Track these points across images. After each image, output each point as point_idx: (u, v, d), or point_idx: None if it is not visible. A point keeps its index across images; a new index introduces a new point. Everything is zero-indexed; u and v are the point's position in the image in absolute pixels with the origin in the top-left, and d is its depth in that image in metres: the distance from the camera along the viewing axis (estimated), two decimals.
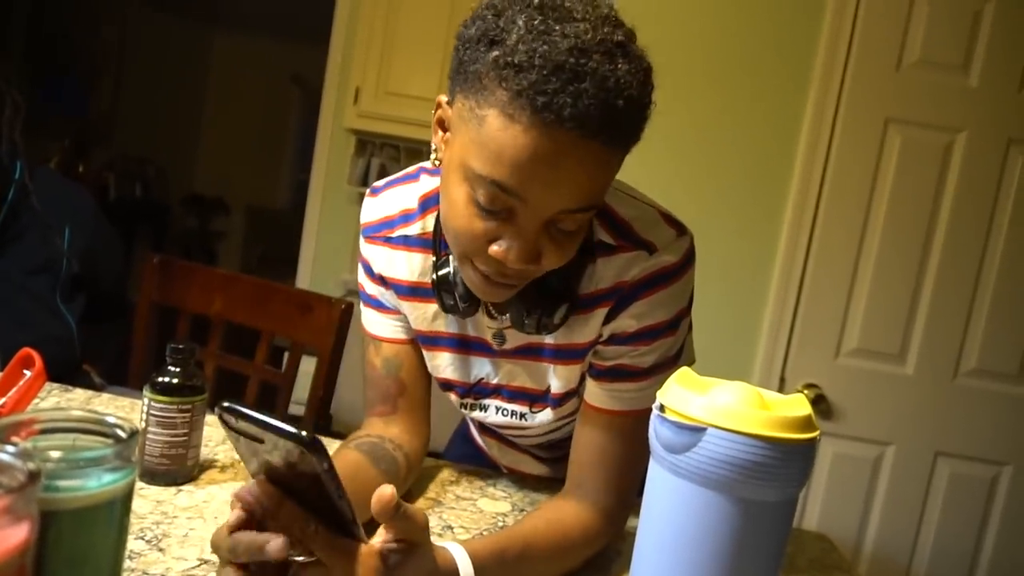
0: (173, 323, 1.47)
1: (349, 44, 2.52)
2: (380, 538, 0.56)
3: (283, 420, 0.47)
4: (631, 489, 0.78)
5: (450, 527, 0.83)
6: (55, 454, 0.36)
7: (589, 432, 0.79)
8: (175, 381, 0.80)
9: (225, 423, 0.50)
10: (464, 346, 0.84)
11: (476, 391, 0.86)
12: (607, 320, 0.77)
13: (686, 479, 0.54)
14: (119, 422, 0.41)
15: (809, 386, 2.00)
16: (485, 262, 0.67)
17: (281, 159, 5.67)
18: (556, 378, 0.82)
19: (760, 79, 2.11)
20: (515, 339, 0.81)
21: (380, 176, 2.55)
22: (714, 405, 0.54)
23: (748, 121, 2.15)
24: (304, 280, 2.69)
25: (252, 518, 0.54)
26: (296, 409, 1.45)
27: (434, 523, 0.83)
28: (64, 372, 1.14)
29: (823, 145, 2.01)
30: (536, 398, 0.84)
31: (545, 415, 0.85)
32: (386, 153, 2.59)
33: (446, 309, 0.78)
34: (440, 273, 0.76)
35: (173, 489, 0.80)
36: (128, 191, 4.91)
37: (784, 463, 0.53)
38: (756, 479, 0.52)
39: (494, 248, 0.65)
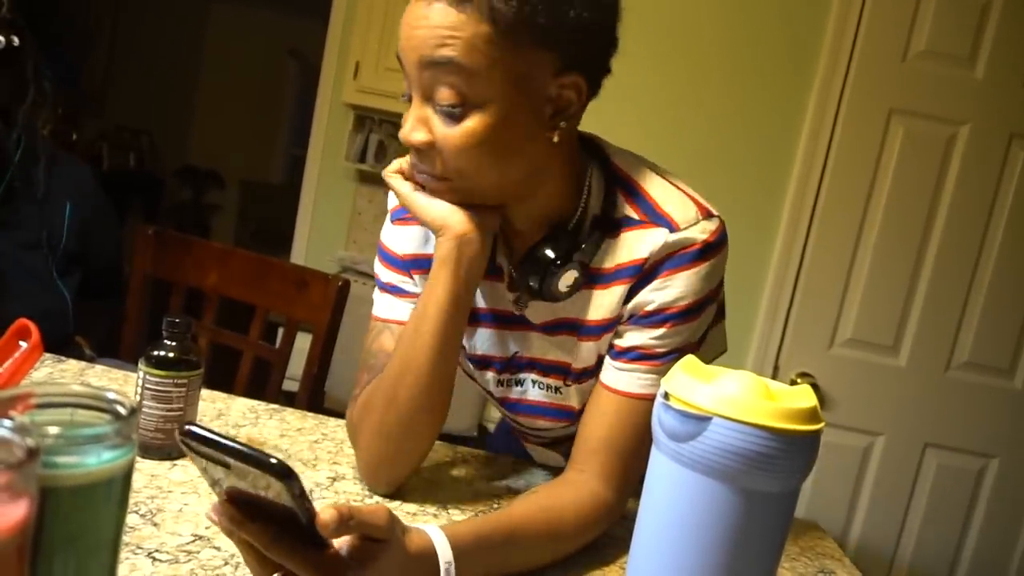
0: (166, 296, 1.46)
1: (349, 18, 2.48)
2: (346, 540, 0.55)
3: (244, 444, 0.45)
4: (635, 477, 0.76)
5: (445, 508, 0.82)
6: (54, 430, 0.36)
7: (600, 414, 0.78)
8: (171, 355, 0.79)
9: (187, 446, 0.47)
10: (499, 320, 0.85)
11: (513, 364, 0.87)
12: (627, 299, 0.77)
13: (689, 468, 0.54)
14: (119, 398, 0.40)
15: (803, 375, 2.01)
16: (410, 159, 0.75)
17: (277, 133, 5.61)
18: (578, 353, 0.82)
19: (765, 66, 2.09)
20: (542, 314, 0.82)
21: (378, 153, 2.53)
22: (720, 394, 0.54)
23: (752, 108, 2.14)
24: (299, 256, 2.67)
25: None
26: (290, 385, 1.45)
27: (429, 504, 0.83)
28: (57, 344, 1.13)
29: (826, 134, 2.00)
30: (568, 372, 0.84)
31: (574, 392, 0.85)
32: (384, 129, 2.55)
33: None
34: None
35: (167, 463, 0.79)
36: (121, 162, 4.85)
37: (789, 454, 0.53)
38: (760, 470, 0.52)
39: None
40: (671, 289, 0.75)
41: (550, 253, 0.75)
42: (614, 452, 0.77)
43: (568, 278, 0.75)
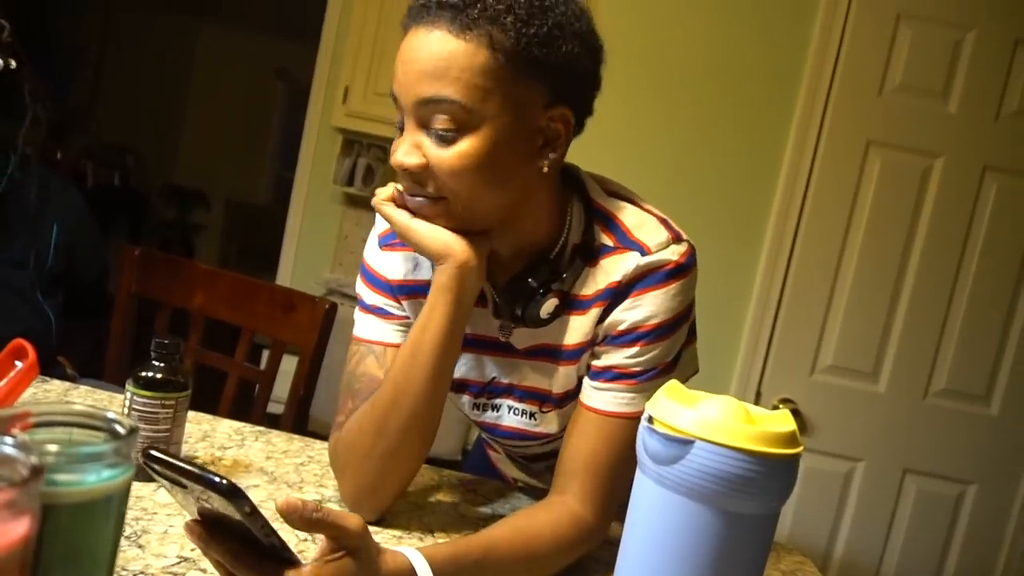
0: (150, 317, 1.45)
1: (340, 43, 2.51)
2: (316, 555, 0.56)
3: (202, 467, 0.47)
4: (615, 497, 0.78)
5: (431, 531, 0.83)
6: (53, 448, 0.36)
7: (579, 435, 0.79)
8: (159, 376, 0.79)
9: (151, 469, 0.48)
10: (479, 345, 0.86)
11: (490, 390, 0.88)
12: (600, 319, 0.79)
13: (672, 490, 0.55)
14: (118, 417, 0.41)
15: (784, 401, 2.03)
16: (401, 182, 0.75)
17: (263, 154, 5.62)
18: (557, 378, 0.84)
19: (746, 99, 2.14)
20: (524, 340, 0.84)
21: (366, 176, 2.54)
22: (701, 418, 0.55)
23: (732, 140, 2.19)
24: (285, 277, 2.67)
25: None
26: (275, 408, 1.44)
27: (415, 528, 0.83)
28: (39, 364, 1.13)
29: (806, 165, 2.05)
30: (546, 398, 0.86)
31: (553, 417, 0.86)
32: (372, 154, 2.57)
33: None
34: None
35: (153, 485, 0.79)
36: (106, 180, 4.83)
37: (768, 477, 0.54)
38: (741, 492, 0.54)
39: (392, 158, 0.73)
40: (642, 308, 0.77)
41: (533, 282, 0.78)
42: (594, 473, 0.77)
43: (549, 306, 0.77)
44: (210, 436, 0.97)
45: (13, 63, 1.17)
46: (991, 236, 1.97)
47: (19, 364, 0.48)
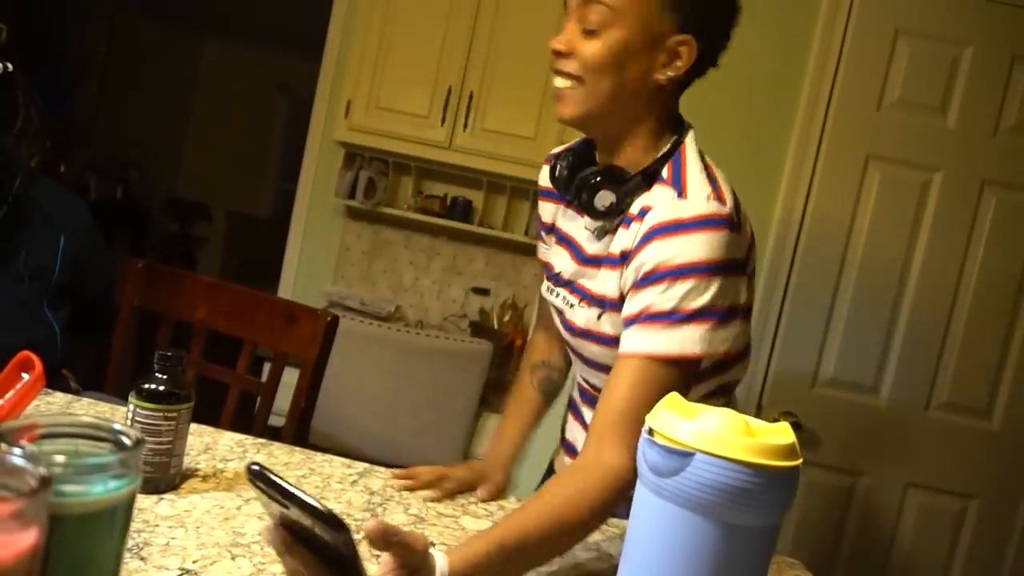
0: (152, 329, 1.46)
1: (343, 57, 2.53)
2: (383, 569, 0.61)
3: (304, 492, 0.52)
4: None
5: (432, 543, 0.83)
6: (60, 458, 0.37)
7: (615, 383, 0.83)
8: (162, 388, 0.80)
9: (252, 482, 0.54)
10: (564, 241, 1.02)
11: (556, 278, 1.03)
12: (635, 250, 0.86)
13: (672, 502, 0.56)
14: (124, 429, 0.41)
15: (785, 414, 2.03)
16: (552, 67, 0.90)
17: (264, 167, 5.65)
18: (599, 279, 0.93)
19: (745, 113, 2.16)
20: (592, 249, 0.96)
21: (368, 189, 2.56)
22: (701, 431, 0.55)
23: (731, 154, 2.19)
24: (286, 290, 2.67)
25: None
26: (276, 420, 1.44)
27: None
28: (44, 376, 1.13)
29: (805, 179, 2.06)
30: (585, 296, 0.96)
31: (584, 312, 0.95)
32: (374, 167, 2.59)
33: (558, 188, 0.98)
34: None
35: (155, 497, 0.79)
36: (109, 193, 4.85)
37: (768, 489, 0.54)
38: (740, 504, 0.54)
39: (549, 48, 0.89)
40: (667, 249, 0.82)
41: (597, 178, 0.90)
42: (631, 418, 0.79)
43: (603, 198, 0.90)
44: (212, 448, 0.97)
45: (10, 67, 1.18)
46: (990, 250, 1.98)
47: (25, 376, 0.48)
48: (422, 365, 2.32)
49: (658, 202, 0.86)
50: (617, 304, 0.89)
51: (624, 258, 0.88)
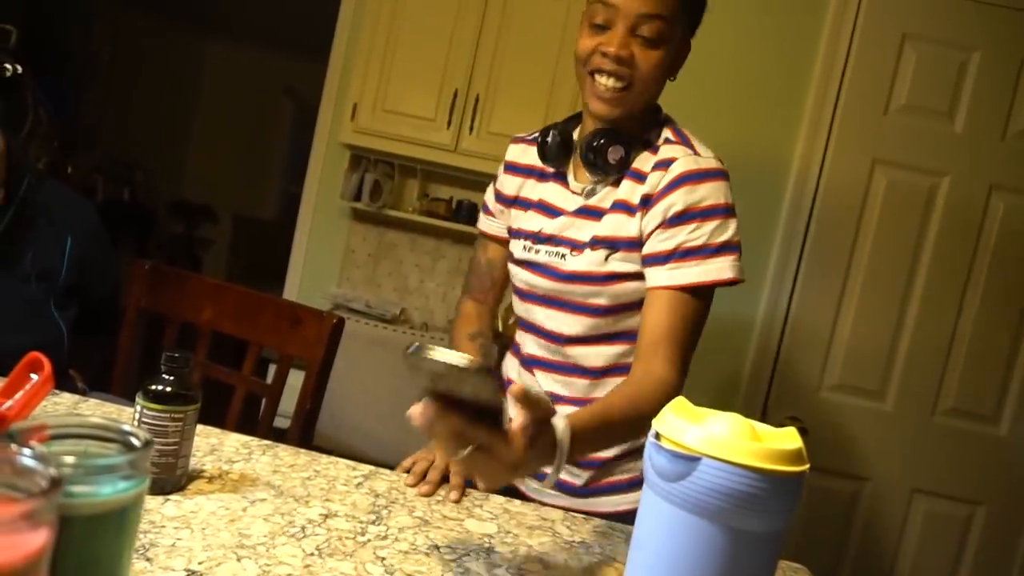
0: (158, 331, 1.46)
1: (349, 60, 2.54)
2: (519, 422, 0.70)
3: (456, 353, 0.64)
4: (690, 357, 0.97)
5: (436, 547, 0.83)
6: (69, 459, 0.37)
7: (658, 312, 0.96)
8: (169, 389, 0.80)
9: (409, 361, 0.65)
10: (542, 208, 1.12)
11: (534, 237, 1.11)
12: (661, 195, 0.99)
13: (679, 507, 0.55)
14: (133, 430, 0.41)
15: (791, 419, 2.03)
16: (598, 67, 0.99)
17: (270, 170, 5.66)
18: (604, 225, 1.03)
19: (752, 118, 2.16)
20: (575, 203, 1.08)
21: (373, 192, 2.56)
22: (708, 435, 0.55)
23: (738, 158, 2.20)
24: (292, 292, 2.68)
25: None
26: (281, 422, 1.45)
27: (420, 542, 0.83)
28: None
29: (811, 183, 2.06)
30: (576, 245, 1.06)
31: (579, 260, 1.05)
32: (380, 169, 2.60)
33: (545, 155, 1.10)
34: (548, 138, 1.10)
35: (161, 498, 0.79)
36: (115, 195, 4.87)
37: (774, 494, 0.54)
38: (747, 509, 0.54)
39: (600, 50, 0.98)
40: (696, 194, 0.97)
41: (603, 140, 1.02)
42: (676, 340, 0.95)
43: (615, 152, 1.02)
44: (218, 450, 0.97)
45: (19, 68, 1.19)
46: (998, 255, 1.97)
47: (34, 377, 0.49)
48: None
49: (680, 155, 1.00)
50: (633, 244, 1.01)
51: (646, 203, 1.00)
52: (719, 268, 0.97)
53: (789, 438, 0.57)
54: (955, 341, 1.99)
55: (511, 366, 1.22)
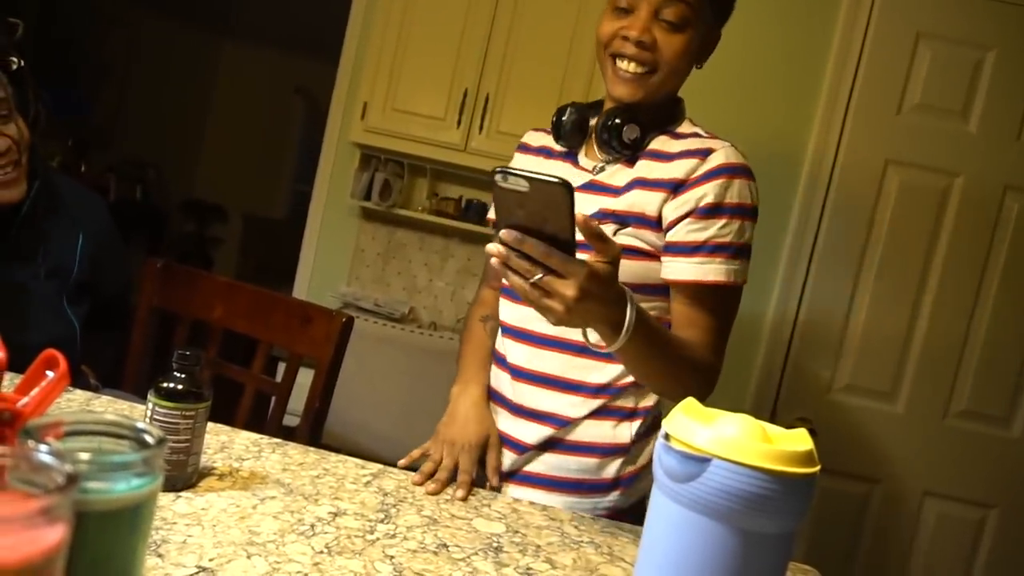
0: (169, 328, 1.47)
1: (359, 60, 2.55)
2: (592, 256, 0.76)
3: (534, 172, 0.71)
4: (723, 349, 1.01)
5: (445, 545, 0.83)
6: (84, 456, 0.37)
7: (684, 307, 0.99)
8: (180, 387, 0.80)
9: (495, 183, 0.71)
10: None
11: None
12: (696, 183, 0.99)
13: (689, 508, 0.55)
14: (147, 427, 0.42)
15: (801, 420, 2.02)
16: (619, 51, 0.99)
17: (281, 169, 5.69)
18: (621, 201, 1.03)
19: (764, 117, 2.15)
20: (582, 179, 1.07)
21: (383, 191, 2.57)
22: (718, 436, 0.55)
23: (750, 157, 2.18)
24: (301, 290, 2.69)
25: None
26: (291, 420, 1.45)
27: (429, 540, 0.83)
28: None
29: (823, 182, 2.05)
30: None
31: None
32: (390, 168, 2.60)
33: (560, 131, 1.10)
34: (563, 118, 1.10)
35: (172, 495, 0.80)
36: (128, 193, 4.91)
37: (785, 496, 0.54)
38: (757, 511, 0.53)
39: (622, 34, 0.98)
40: (729, 190, 0.98)
41: (616, 119, 1.02)
42: (716, 332, 0.99)
43: (630, 131, 1.01)
44: (228, 447, 0.98)
45: (21, 62, 1.19)
46: (1012, 256, 1.95)
47: (50, 374, 0.50)
48: (436, 366, 2.32)
49: (718, 147, 1.00)
50: (649, 222, 1.01)
51: (677, 187, 0.99)
52: (738, 271, 1.00)
53: (800, 440, 0.57)
54: (968, 343, 1.98)
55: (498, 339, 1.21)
